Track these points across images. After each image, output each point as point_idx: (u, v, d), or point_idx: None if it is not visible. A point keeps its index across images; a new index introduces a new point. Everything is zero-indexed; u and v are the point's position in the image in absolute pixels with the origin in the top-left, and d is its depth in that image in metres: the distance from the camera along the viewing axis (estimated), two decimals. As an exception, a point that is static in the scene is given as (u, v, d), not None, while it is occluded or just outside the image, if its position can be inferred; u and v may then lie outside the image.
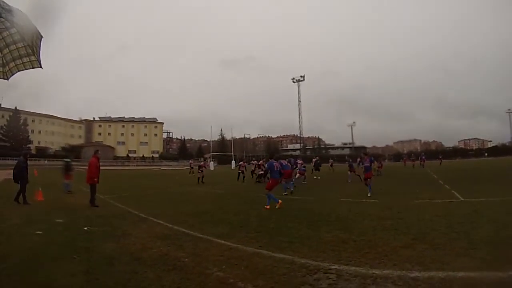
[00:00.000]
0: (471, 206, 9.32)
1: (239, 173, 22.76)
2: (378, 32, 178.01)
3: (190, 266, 4.60)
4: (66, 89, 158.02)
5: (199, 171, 22.23)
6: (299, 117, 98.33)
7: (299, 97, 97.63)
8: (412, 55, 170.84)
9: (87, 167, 11.08)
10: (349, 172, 19.98)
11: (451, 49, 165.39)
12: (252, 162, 25.05)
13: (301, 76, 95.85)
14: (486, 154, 79.02)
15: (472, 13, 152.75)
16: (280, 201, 9.99)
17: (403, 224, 7.22)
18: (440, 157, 47.67)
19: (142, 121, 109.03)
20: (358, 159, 19.08)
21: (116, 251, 5.37)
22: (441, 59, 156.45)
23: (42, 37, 3.84)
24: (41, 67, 4.05)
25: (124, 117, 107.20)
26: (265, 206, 9.97)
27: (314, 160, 26.91)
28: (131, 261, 4.82)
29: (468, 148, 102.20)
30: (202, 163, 27.12)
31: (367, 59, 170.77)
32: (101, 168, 11.03)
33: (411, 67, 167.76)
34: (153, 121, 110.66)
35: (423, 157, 38.74)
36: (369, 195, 12.09)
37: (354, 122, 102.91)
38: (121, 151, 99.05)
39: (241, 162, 25.57)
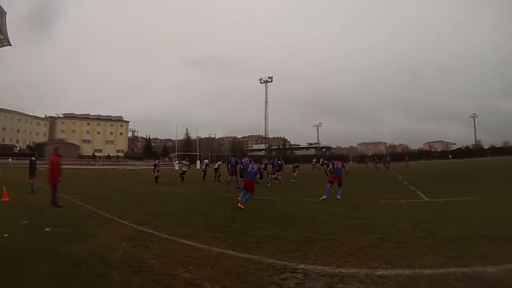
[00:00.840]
0: (436, 206, 9.78)
1: (204, 171, 23.29)
2: (346, 36, 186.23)
3: (156, 268, 4.62)
4: (32, 84, 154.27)
5: (155, 170, 22.53)
6: (265, 118, 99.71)
7: (266, 98, 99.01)
8: (380, 60, 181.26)
9: (48, 166, 10.94)
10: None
11: (418, 55, 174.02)
12: (218, 162, 25.21)
13: (269, 77, 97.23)
14: (450, 156, 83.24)
15: (440, 20, 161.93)
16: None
17: (369, 224, 7.45)
18: (406, 158, 49.94)
19: (108, 119, 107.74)
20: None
21: (83, 253, 5.33)
22: (408, 64, 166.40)
23: (6, 13, 3.55)
24: (10, 44, 3.75)
25: (89, 114, 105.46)
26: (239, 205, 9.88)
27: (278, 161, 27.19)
28: (98, 263, 4.79)
29: (433, 150, 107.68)
30: (156, 162, 27.05)
31: (335, 62, 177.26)
32: (65, 167, 11.04)
33: (378, 71, 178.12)
34: (119, 119, 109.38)
35: (388, 160, 40.65)
36: (322, 197, 11.36)
37: (320, 123, 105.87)
38: (87, 150, 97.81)
39: (205, 160, 26.03)
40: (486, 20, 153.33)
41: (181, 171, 24.23)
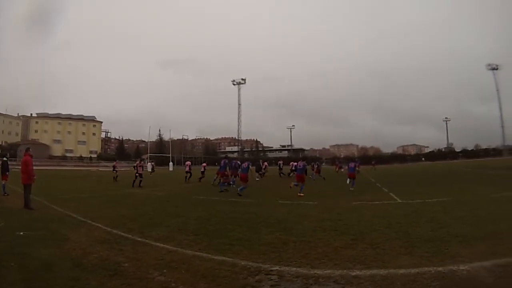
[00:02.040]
0: (409, 207, 10.20)
1: (187, 172, 24.29)
2: (320, 40, 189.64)
3: (131, 271, 4.67)
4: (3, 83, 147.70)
5: (114, 170, 25.40)
6: (238, 120, 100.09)
7: (239, 100, 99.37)
8: (354, 63, 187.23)
9: (20, 167, 10.92)
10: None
11: (391, 59, 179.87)
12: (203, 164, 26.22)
13: (242, 79, 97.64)
14: (423, 159, 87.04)
15: (414, 26, 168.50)
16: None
17: (342, 225, 7.69)
18: (373, 162, 51.48)
19: (80, 119, 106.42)
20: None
21: (56, 257, 5.32)
22: (381, 67, 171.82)
23: None
24: None
25: (60, 113, 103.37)
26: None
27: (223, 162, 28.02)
28: (71, 267, 4.80)
29: (406, 153, 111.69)
30: (114, 163, 30.36)
31: (309, 66, 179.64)
32: (36, 168, 10.92)
33: (351, 74, 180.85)
34: (92, 119, 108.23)
35: (358, 163, 41.57)
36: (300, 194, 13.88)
37: (293, 126, 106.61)
38: (57, 150, 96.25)
39: (188, 162, 26.50)
40: (460, 26, 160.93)
41: (187, 171, 24.85)
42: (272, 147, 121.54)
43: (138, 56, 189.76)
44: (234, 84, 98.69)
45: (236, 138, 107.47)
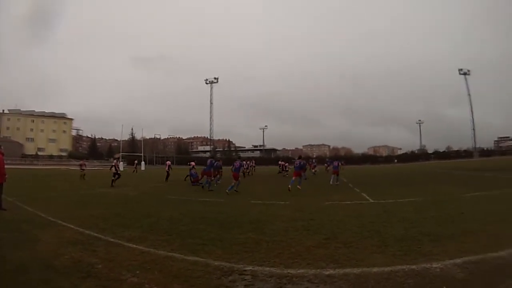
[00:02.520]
0: (381, 207, 10.43)
1: (167, 172, 25.48)
2: (293, 41, 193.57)
3: (104, 273, 4.67)
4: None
5: (81, 169, 27.79)
6: (211, 119, 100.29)
7: (211, 99, 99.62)
8: (326, 66, 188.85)
9: None
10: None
11: (363, 62, 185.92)
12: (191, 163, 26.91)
13: (215, 78, 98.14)
14: (395, 160, 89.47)
15: (387, 30, 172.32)
16: None
17: (315, 225, 7.80)
18: (342, 162, 52.67)
19: (52, 116, 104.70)
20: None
21: (28, 259, 5.27)
22: (354, 70, 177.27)
23: None
24: None
25: (34, 111, 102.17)
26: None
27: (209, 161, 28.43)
28: (44, 269, 4.77)
29: (378, 154, 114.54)
30: (81, 162, 31.98)
31: (281, 66, 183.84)
32: (8, 167, 10.69)
33: (324, 76, 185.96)
34: (63, 117, 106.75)
35: (342, 161, 42.56)
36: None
37: (266, 126, 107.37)
38: (30, 148, 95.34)
39: (168, 162, 27.49)
40: (432, 31, 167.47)
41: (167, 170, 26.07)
42: (244, 147, 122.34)
43: (111, 53, 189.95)
44: (207, 83, 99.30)
45: (209, 137, 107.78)
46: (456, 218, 8.19)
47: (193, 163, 24.52)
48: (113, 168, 21.21)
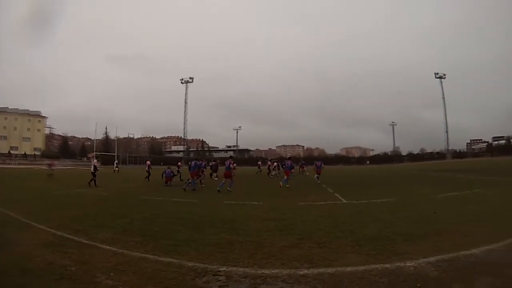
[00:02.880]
0: (354, 207, 10.62)
1: (147, 172, 25.79)
2: (268, 43, 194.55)
3: (78, 275, 4.64)
4: None
5: (50, 168, 29.02)
6: (185, 119, 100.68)
7: (186, 99, 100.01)
8: (299, 68, 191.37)
9: None
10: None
11: (338, 64, 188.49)
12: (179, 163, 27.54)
13: (190, 78, 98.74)
14: (368, 162, 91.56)
15: (359, 31, 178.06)
16: None
17: (288, 225, 7.87)
18: (303, 162, 53.33)
19: (26, 113, 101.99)
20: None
21: (1, 262, 5.21)
22: (327, 72, 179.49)
23: None
24: None
25: (7, 107, 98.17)
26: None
27: (211, 163, 28.95)
28: (17, 272, 4.71)
29: (350, 155, 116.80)
30: (50, 161, 33.46)
31: (255, 67, 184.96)
32: None
33: (298, 78, 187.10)
34: (37, 114, 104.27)
35: (303, 164, 43.11)
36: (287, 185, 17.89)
37: (240, 127, 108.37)
38: (2, 147, 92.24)
39: (148, 162, 27.94)
40: (406, 34, 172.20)
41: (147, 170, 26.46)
42: (218, 147, 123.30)
43: (84, 50, 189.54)
44: (182, 83, 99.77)
45: (182, 137, 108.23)
46: (429, 218, 8.42)
47: (148, 163, 26.04)
48: (93, 168, 21.15)
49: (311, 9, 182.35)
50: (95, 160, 22.65)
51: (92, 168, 21.09)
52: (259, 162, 41.17)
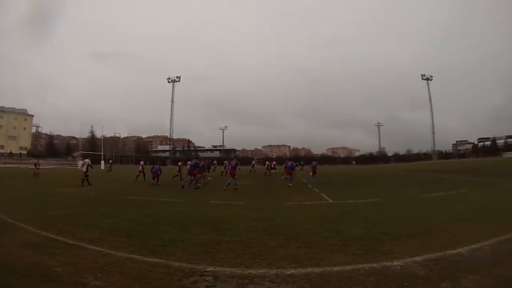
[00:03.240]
0: (341, 207, 10.74)
1: (140, 171, 26.00)
2: (254, 43, 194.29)
3: (64, 276, 4.62)
4: None
5: (36, 168, 30.42)
6: (171, 118, 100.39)
7: (172, 98, 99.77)
8: (286, 68, 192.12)
9: None
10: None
11: (323, 65, 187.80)
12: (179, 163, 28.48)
13: (177, 77, 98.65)
14: (353, 162, 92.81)
15: (347, 32, 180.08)
16: None
17: (275, 225, 7.94)
18: (301, 163, 53.92)
19: (12, 112, 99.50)
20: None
21: None
22: (313, 72, 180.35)
23: None
24: None
25: None
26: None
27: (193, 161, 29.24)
28: (3, 274, 4.68)
29: (336, 156, 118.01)
30: (36, 160, 34.52)
31: (241, 67, 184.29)
32: None
33: (284, 78, 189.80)
34: (23, 113, 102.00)
35: (301, 164, 44.04)
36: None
37: (226, 126, 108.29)
38: None
39: (141, 162, 28.37)
40: (392, 36, 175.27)
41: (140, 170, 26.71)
42: (204, 147, 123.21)
43: (69, 47, 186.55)
44: (169, 82, 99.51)
45: (168, 136, 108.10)
46: (415, 218, 8.57)
47: (142, 163, 26.66)
48: (84, 167, 21.26)
49: (298, 9, 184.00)
50: (87, 160, 22.53)
51: (84, 168, 21.21)
52: (268, 162, 41.84)
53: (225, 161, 33.33)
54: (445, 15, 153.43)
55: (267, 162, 38.04)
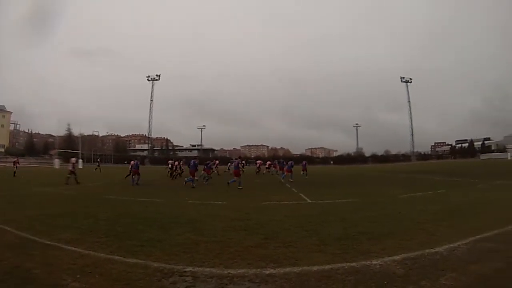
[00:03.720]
0: (319, 207, 10.89)
1: (130, 171, 24.99)
2: (230, 42, 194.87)
3: (43, 278, 4.58)
4: None
5: (15, 166, 30.65)
6: (150, 117, 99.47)
7: (151, 96, 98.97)
8: (265, 69, 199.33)
9: None
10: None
11: (302, 66, 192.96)
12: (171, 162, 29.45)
13: (157, 75, 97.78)
14: (331, 162, 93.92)
15: (323, 32, 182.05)
16: None
17: (253, 225, 8.01)
18: (290, 163, 54.56)
19: None
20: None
21: None
22: (291, 74, 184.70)
23: None
24: None
25: None
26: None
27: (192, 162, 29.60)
28: None
29: (315, 156, 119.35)
30: (15, 159, 35.17)
31: (219, 66, 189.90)
32: None
33: (261, 78, 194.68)
34: (1, 109, 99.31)
35: (306, 161, 44.72)
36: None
37: (204, 126, 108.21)
38: None
39: (132, 162, 27.93)
40: (369, 39, 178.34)
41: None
42: (182, 146, 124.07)
43: (47, 42, 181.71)
44: (149, 80, 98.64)
45: (147, 135, 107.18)
46: (393, 217, 8.74)
47: (132, 162, 26.15)
48: (71, 166, 21.69)
49: (279, 10, 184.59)
50: (73, 159, 22.63)
51: (70, 167, 21.64)
52: (258, 162, 42.48)
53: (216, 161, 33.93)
54: (425, 20, 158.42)
55: (257, 161, 39.88)
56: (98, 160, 48.41)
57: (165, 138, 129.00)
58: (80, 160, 59.10)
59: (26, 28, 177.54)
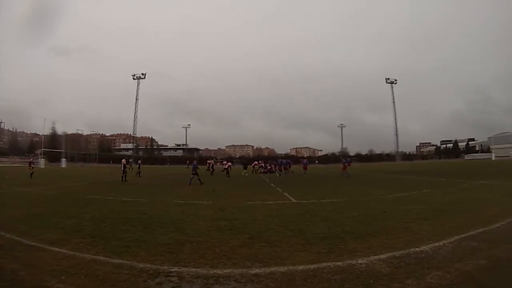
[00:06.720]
0: (303, 206, 10.95)
1: (123, 172, 25.95)
2: (212, 42, 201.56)
3: (27, 280, 4.58)
4: None
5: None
6: (135, 116, 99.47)
7: (137, 95, 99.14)
8: (249, 70, 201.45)
9: None
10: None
11: (284, 67, 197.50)
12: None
13: (142, 74, 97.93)
14: (316, 161, 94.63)
15: (308, 33, 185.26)
16: None
17: (237, 224, 8.07)
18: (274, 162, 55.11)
19: None
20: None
21: None
22: (273, 75, 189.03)
23: None
24: None
25: None
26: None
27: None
28: None
29: (300, 155, 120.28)
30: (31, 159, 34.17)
31: (203, 67, 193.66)
32: None
33: (247, 79, 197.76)
34: None
35: (306, 160, 45.35)
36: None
37: (189, 125, 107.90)
38: None
39: (123, 160, 27.90)
40: (354, 41, 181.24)
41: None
42: (167, 146, 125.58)
43: (30, 40, 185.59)
44: (134, 79, 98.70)
45: (131, 134, 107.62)
46: (378, 217, 8.86)
47: (124, 161, 27.01)
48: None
49: (261, 10, 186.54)
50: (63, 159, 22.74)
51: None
52: (256, 162, 43.39)
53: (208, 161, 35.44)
54: (410, 22, 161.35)
55: (255, 162, 41.86)
56: (139, 162, 35.45)
57: (150, 137, 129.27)
58: (64, 159, 58.52)
59: (7, 27, 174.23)
